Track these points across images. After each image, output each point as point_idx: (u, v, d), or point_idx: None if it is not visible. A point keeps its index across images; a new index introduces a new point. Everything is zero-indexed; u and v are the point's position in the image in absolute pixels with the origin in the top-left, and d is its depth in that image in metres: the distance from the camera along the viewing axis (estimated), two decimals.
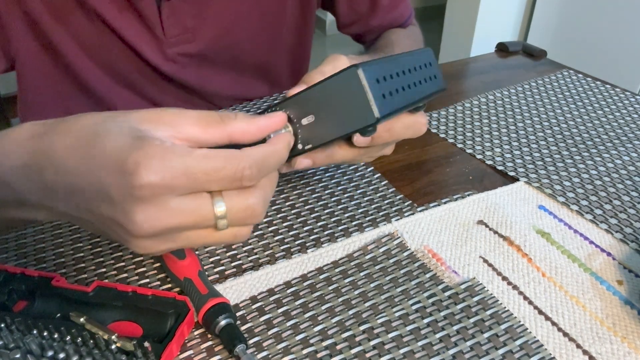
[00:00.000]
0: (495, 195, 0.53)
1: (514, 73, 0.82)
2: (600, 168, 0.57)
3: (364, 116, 0.34)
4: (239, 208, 0.30)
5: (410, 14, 0.78)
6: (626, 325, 0.39)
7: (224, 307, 0.37)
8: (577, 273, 0.44)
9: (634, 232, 0.48)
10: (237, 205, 0.30)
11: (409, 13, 0.77)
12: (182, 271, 0.40)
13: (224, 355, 0.37)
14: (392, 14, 0.75)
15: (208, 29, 0.64)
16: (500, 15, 2.19)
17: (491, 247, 0.46)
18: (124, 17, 0.59)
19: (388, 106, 0.35)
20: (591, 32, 1.87)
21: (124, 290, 0.38)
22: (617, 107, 0.71)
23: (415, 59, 0.40)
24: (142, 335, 0.37)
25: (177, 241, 0.30)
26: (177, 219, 0.29)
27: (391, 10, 0.74)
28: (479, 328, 0.39)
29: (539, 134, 0.64)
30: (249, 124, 0.32)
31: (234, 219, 0.30)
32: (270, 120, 0.34)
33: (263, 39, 0.70)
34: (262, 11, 0.67)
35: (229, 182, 0.29)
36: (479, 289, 0.42)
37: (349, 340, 0.38)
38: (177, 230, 0.30)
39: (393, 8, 0.74)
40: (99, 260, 0.45)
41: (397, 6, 0.74)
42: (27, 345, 0.34)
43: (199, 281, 0.39)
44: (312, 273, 0.43)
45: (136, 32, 0.61)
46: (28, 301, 0.39)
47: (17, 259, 0.45)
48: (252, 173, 0.29)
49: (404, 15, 0.76)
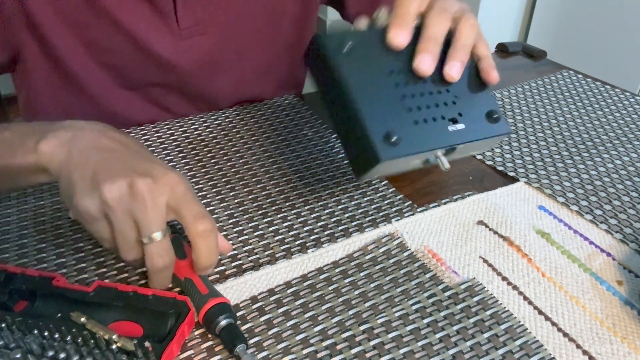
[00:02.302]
0: (495, 195, 0.53)
1: (514, 73, 0.82)
2: (600, 168, 0.58)
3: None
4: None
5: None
6: (626, 325, 0.39)
7: (224, 307, 0.37)
8: (577, 273, 0.44)
9: (633, 233, 0.48)
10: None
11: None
12: (182, 271, 0.40)
13: (224, 355, 0.37)
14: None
15: (216, 21, 0.64)
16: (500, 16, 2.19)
17: (491, 247, 0.46)
18: (136, 8, 0.59)
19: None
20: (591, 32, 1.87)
21: (124, 290, 0.38)
22: (617, 108, 0.71)
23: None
24: (143, 335, 0.37)
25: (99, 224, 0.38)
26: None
27: None
28: (479, 328, 0.39)
29: (539, 135, 0.64)
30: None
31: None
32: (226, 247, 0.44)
33: (264, 34, 0.70)
34: (264, 4, 0.67)
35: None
36: (479, 289, 0.42)
37: (349, 340, 0.38)
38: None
39: None
40: (100, 260, 0.45)
41: None
42: (28, 345, 0.34)
43: (200, 281, 0.40)
44: (312, 273, 0.43)
45: (148, 24, 0.60)
46: (29, 301, 0.39)
47: (17, 259, 0.45)
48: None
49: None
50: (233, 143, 0.62)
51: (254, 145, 0.62)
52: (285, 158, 0.59)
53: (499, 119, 0.41)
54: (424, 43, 0.40)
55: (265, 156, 0.59)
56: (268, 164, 0.58)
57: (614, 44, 1.80)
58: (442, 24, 0.40)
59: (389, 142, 0.35)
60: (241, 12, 0.66)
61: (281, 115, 0.68)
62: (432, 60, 0.39)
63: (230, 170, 0.57)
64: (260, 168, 0.57)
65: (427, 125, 0.37)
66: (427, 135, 0.37)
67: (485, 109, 0.41)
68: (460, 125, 0.38)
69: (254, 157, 0.59)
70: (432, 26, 0.40)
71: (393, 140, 0.35)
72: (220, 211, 0.51)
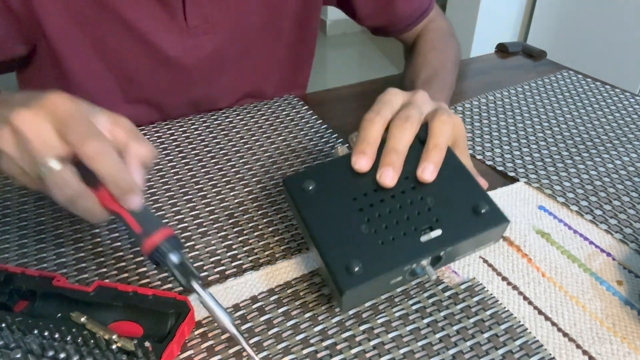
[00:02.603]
0: (495, 195, 0.53)
1: (514, 74, 0.82)
2: (600, 169, 0.58)
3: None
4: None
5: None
6: (626, 325, 0.39)
7: (163, 246, 0.35)
8: (577, 273, 0.44)
9: (633, 233, 0.48)
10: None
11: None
12: (109, 203, 0.36)
13: (224, 355, 0.37)
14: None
15: (223, 20, 0.64)
16: (500, 16, 2.20)
17: (491, 247, 0.46)
18: (144, 6, 0.59)
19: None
20: (591, 32, 1.87)
21: (124, 290, 0.38)
22: (617, 108, 0.71)
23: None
24: (143, 335, 0.37)
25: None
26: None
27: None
28: (479, 328, 0.39)
29: (539, 135, 0.64)
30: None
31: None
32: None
33: (267, 33, 0.70)
34: (267, 3, 0.67)
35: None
36: (478, 289, 0.42)
37: (349, 340, 0.38)
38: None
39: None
40: (100, 260, 0.45)
41: None
42: (28, 345, 0.34)
43: (129, 217, 0.36)
44: (312, 273, 0.43)
45: (156, 22, 0.60)
46: (29, 301, 0.39)
47: (18, 259, 0.45)
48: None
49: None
50: (233, 143, 0.62)
51: (254, 146, 0.62)
52: (285, 158, 0.59)
53: (488, 212, 0.37)
54: (386, 156, 0.39)
55: (266, 156, 0.59)
56: (268, 164, 0.58)
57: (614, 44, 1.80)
58: (405, 135, 0.39)
59: (351, 272, 0.35)
60: (246, 10, 0.66)
61: (281, 115, 0.68)
62: (394, 173, 0.38)
63: (231, 170, 0.57)
64: (261, 168, 0.57)
65: (395, 243, 0.36)
66: (395, 254, 0.36)
67: (469, 204, 0.37)
68: (436, 232, 0.36)
69: (254, 157, 0.59)
70: (393, 138, 0.39)
71: (356, 269, 0.35)
72: (220, 211, 0.51)
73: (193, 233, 0.48)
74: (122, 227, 0.48)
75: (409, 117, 0.39)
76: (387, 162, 0.38)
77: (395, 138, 0.39)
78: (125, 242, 0.47)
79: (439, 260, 0.37)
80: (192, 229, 0.49)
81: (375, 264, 0.35)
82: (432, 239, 0.36)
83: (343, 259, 0.35)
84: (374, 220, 0.37)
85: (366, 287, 0.35)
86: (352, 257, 0.35)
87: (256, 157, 0.59)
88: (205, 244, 0.47)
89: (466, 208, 0.37)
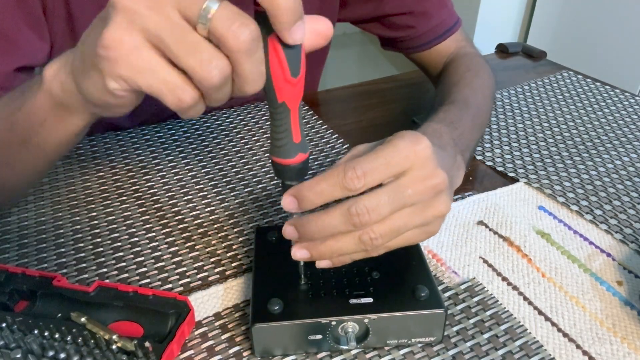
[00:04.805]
0: (495, 195, 0.53)
1: (514, 74, 0.82)
2: (600, 169, 0.58)
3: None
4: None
5: (458, 20, 0.70)
6: (626, 325, 0.39)
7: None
8: (577, 274, 0.44)
9: (633, 233, 0.48)
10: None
11: (456, 18, 0.70)
12: (284, 93, 0.31)
13: (224, 355, 0.37)
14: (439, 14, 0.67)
15: None
16: (500, 16, 2.19)
17: (491, 247, 0.46)
18: None
19: None
20: (591, 32, 1.87)
21: (124, 290, 0.38)
22: (616, 108, 0.71)
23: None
24: (143, 335, 0.37)
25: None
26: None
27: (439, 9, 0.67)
28: (479, 329, 0.39)
29: (539, 135, 0.64)
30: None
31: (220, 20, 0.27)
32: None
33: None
34: None
35: None
36: (479, 289, 0.42)
37: None
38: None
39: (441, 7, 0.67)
40: (100, 261, 0.45)
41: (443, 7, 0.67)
42: (28, 345, 0.34)
43: (296, 120, 0.32)
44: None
45: None
46: (29, 301, 0.39)
47: (18, 259, 0.45)
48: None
49: (452, 18, 0.69)
50: (234, 143, 0.62)
51: (255, 146, 0.62)
52: None
53: (427, 296, 0.36)
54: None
55: (266, 156, 0.59)
56: (268, 164, 0.58)
57: (614, 44, 1.80)
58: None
59: (269, 310, 0.35)
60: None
61: None
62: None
63: (231, 170, 0.57)
64: (261, 168, 0.57)
65: (324, 298, 0.36)
66: (319, 307, 0.36)
67: (411, 285, 0.37)
68: (366, 299, 0.36)
69: (255, 157, 0.59)
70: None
71: (275, 308, 0.35)
72: (220, 211, 0.51)
73: (193, 233, 0.48)
74: (122, 227, 0.49)
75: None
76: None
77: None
78: (125, 242, 0.47)
79: (365, 337, 0.36)
80: (192, 229, 0.49)
81: (295, 310, 0.35)
82: (360, 303, 0.36)
83: (267, 296, 0.36)
84: (315, 275, 0.38)
85: (280, 332, 0.35)
86: (276, 297, 0.36)
87: (257, 157, 0.59)
88: (205, 244, 0.47)
89: (406, 288, 0.37)
